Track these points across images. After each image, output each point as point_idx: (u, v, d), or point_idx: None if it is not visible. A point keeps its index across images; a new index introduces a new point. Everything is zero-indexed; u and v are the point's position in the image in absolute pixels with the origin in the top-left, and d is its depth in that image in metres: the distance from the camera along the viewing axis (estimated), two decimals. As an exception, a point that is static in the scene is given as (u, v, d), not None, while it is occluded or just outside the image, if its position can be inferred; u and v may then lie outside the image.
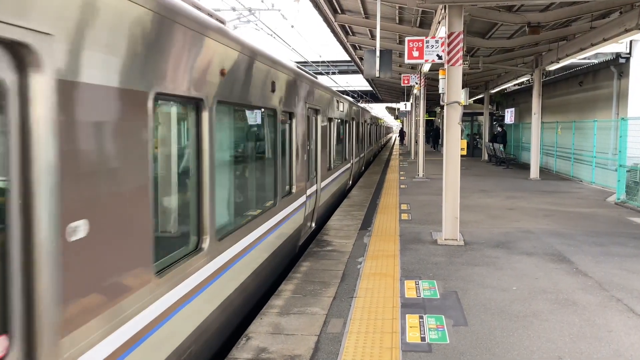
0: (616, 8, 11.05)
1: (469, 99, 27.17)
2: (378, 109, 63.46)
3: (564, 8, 11.34)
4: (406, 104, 37.09)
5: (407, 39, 9.24)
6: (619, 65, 15.59)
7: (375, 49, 9.89)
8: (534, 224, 9.55)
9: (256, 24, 17.75)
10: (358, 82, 51.32)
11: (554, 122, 19.80)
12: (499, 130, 24.62)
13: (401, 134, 58.43)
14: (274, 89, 6.00)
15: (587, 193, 14.09)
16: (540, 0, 10.17)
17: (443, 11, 8.67)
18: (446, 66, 8.17)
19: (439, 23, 10.19)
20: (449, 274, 6.39)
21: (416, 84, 19.03)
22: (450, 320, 4.88)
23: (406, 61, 9.40)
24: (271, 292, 6.06)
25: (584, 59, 18.34)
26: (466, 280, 6.14)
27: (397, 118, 60.70)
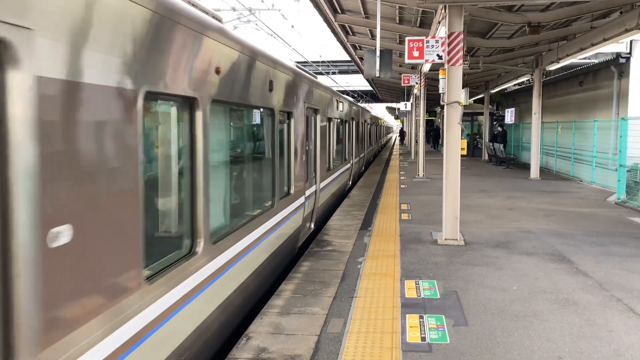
0: (616, 8, 11.05)
1: (469, 98, 27.17)
2: (378, 109, 63.46)
3: (564, 8, 11.34)
4: (406, 103, 37.07)
5: (407, 38, 9.24)
6: (619, 65, 15.59)
7: (376, 48, 9.89)
8: (534, 224, 9.55)
9: (256, 24, 17.77)
10: (358, 82, 51.32)
11: (554, 122, 19.81)
12: (499, 130, 24.64)
13: (401, 134, 58.46)
14: (271, 88, 5.91)
15: (587, 193, 14.09)
16: (541, 0, 10.17)
17: (443, 11, 8.67)
18: (446, 66, 8.17)
19: (439, 23, 10.19)
20: (449, 273, 6.39)
21: (416, 83, 19.03)
22: (450, 320, 4.88)
23: (406, 61, 9.41)
24: (270, 293, 6.01)
25: (584, 58, 18.32)
26: (466, 280, 6.15)
27: (397, 118, 60.72)
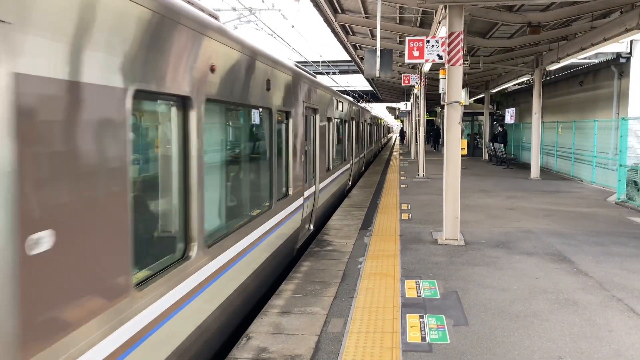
0: (617, 8, 11.05)
1: (470, 98, 27.16)
2: (378, 109, 63.49)
3: (565, 8, 11.34)
4: (406, 103, 37.03)
5: (407, 38, 9.24)
6: (619, 65, 15.58)
7: (376, 48, 9.89)
8: (534, 223, 9.55)
9: (256, 24, 17.78)
10: (358, 82, 51.32)
11: (554, 122, 19.80)
12: (499, 130, 24.62)
13: (401, 133, 58.47)
14: (269, 88, 5.82)
15: (587, 193, 14.09)
16: (541, 0, 10.17)
17: (443, 11, 8.67)
18: (446, 66, 8.17)
19: (439, 23, 10.20)
20: (449, 273, 6.39)
21: (416, 83, 19.04)
22: (450, 320, 4.88)
23: (406, 61, 9.41)
24: (270, 294, 5.97)
25: (585, 58, 18.33)
26: (467, 280, 6.15)
27: (397, 118, 60.71)
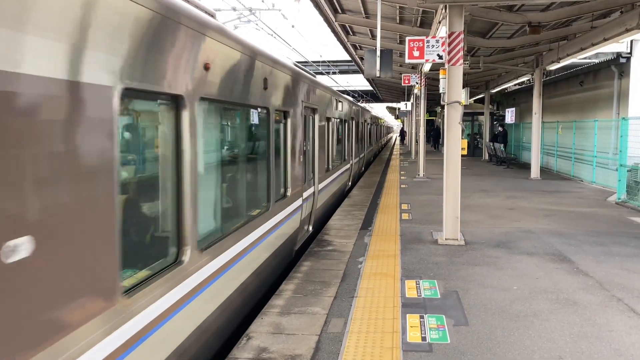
0: (617, 8, 11.05)
1: (470, 98, 27.17)
2: (378, 109, 63.48)
3: (565, 8, 11.34)
4: (407, 103, 37.04)
5: (407, 38, 9.24)
6: (619, 65, 15.58)
7: (376, 48, 9.89)
8: (534, 223, 9.55)
9: (257, 24, 17.77)
10: (358, 82, 51.31)
11: (554, 122, 19.80)
12: (499, 130, 24.62)
13: (402, 133, 58.47)
14: (266, 87, 5.73)
15: (587, 193, 14.09)
16: (541, 0, 10.17)
17: (443, 11, 8.67)
18: (447, 66, 8.17)
19: (439, 23, 10.20)
20: (449, 273, 6.39)
21: (417, 83, 19.04)
22: (450, 320, 4.88)
23: (407, 61, 9.40)
24: (268, 296, 5.91)
25: (585, 58, 18.33)
26: (467, 280, 6.14)
27: (397, 118, 60.72)
